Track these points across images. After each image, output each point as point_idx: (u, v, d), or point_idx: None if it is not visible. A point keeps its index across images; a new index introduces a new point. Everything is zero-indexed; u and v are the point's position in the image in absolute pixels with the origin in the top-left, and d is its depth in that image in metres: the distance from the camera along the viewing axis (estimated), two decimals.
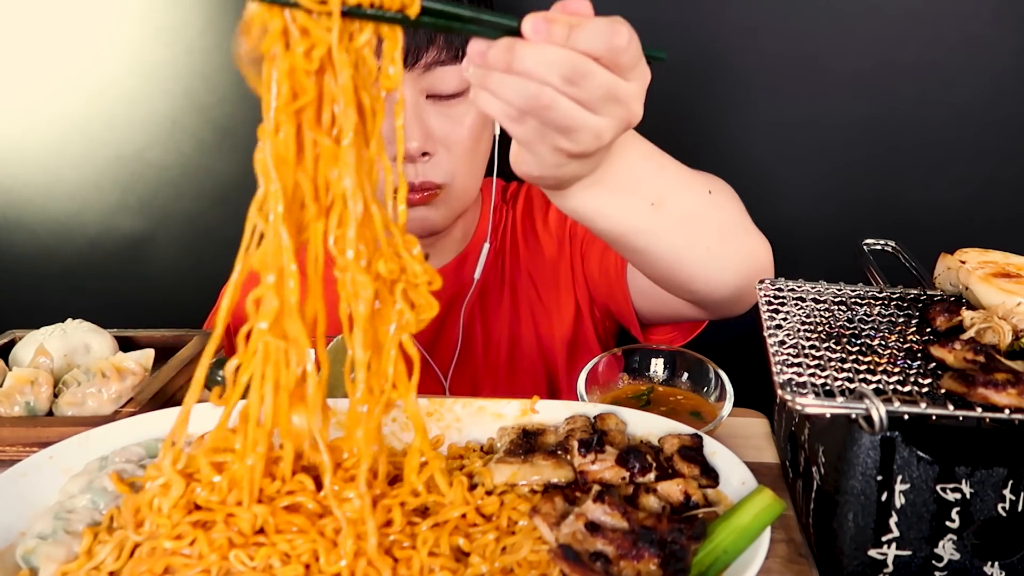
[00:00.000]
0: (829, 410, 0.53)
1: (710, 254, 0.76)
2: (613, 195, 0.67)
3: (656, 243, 0.73)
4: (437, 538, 0.56)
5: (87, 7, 1.28)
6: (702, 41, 1.19)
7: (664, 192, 0.71)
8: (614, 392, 0.82)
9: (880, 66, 1.17)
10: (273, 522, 0.55)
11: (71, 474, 0.63)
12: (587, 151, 0.58)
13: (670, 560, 0.52)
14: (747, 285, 0.78)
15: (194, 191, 1.37)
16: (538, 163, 0.60)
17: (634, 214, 0.69)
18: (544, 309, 1.10)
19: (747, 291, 0.79)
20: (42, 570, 0.54)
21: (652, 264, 0.77)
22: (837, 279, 0.77)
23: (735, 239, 0.78)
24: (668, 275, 0.78)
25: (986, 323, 0.62)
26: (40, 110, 1.35)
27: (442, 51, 0.89)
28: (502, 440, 0.67)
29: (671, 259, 0.75)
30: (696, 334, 1.02)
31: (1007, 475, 0.54)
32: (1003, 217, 1.23)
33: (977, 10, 1.13)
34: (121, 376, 0.81)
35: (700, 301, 0.84)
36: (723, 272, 0.78)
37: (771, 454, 0.76)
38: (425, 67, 0.89)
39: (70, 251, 1.42)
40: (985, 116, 1.18)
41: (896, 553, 0.56)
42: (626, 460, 0.61)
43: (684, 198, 0.73)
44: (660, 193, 0.70)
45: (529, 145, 0.58)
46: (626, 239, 0.72)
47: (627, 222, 0.70)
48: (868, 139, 1.21)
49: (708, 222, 0.76)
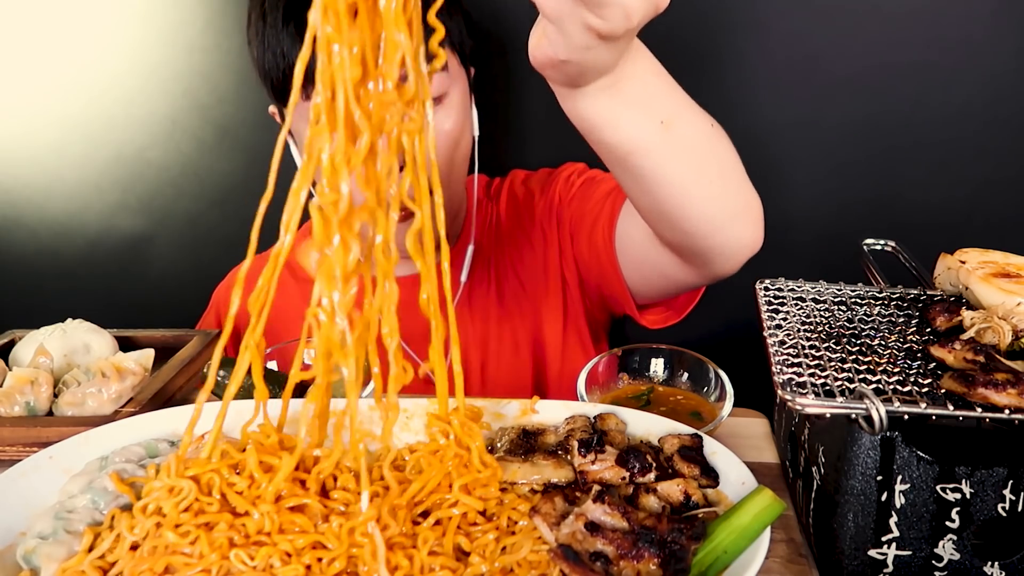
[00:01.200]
0: (829, 410, 0.53)
1: (711, 189, 0.74)
2: (626, 106, 0.67)
3: (662, 166, 0.71)
4: (437, 538, 0.56)
5: (87, 7, 1.28)
6: (702, 40, 1.19)
7: (674, 113, 0.70)
8: (614, 392, 0.82)
9: (880, 66, 1.17)
10: (278, 522, 0.55)
11: (71, 474, 0.63)
12: (615, 31, 0.57)
13: (670, 560, 0.52)
14: (741, 233, 0.78)
15: (194, 191, 1.37)
16: (566, 44, 0.59)
17: (644, 130, 0.69)
18: (532, 305, 1.10)
19: (740, 241, 0.79)
20: (43, 570, 0.54)
21: (653, 193, 0.75)
22: (837, 279, 0.77)
23: (734, 180, 0.77)
24: (667, 208, 0.76)
25: (986, 323, 0.62)
26: (40, 110, 1.35)
27: None
28: (502, 440, 0.67)
29: (673, 188, 0.73)
30: (689, 311, 1.01)
31: (1007, 475, 0.54)
32: (1003, 217, 1.23)
33: (977, 10, 1.13)
34: (121, 376, 0.81)
35: (693, 247, 0.81)
36: (722, 212, 0.76)
37: (771, 454, 0.76)
38: None
39: (70, 251, 1.42)
40: (985, 116, 1.18)
41: (896, 553, 0.56)
42: (626, 460, 0.61)
43: (692, 124, 0.72)
44: (670, 113, 0.70)
45: (559, 20, 0.58)
46: (633, 158, 0.71)
47: (637, 137, 0.69)
48: (868, 139, 1.21)
49: (711, 155, 0.75)
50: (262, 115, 1.09)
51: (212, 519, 0.56)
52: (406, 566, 0.54)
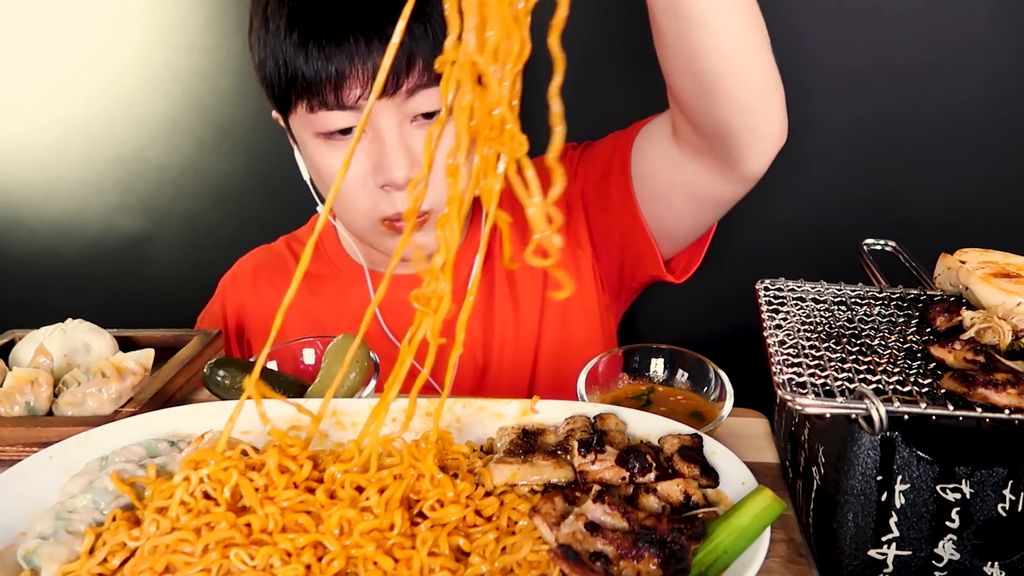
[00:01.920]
0: (829, 410, 0.53)
1: (759, 58, 0.78)
2: None
3: (722, 19, 0.74)
4: (437, 538, 0.56)
5: (87, 7, 1.28)
6: None
7: None
8: (614, 392, 0.82)
9: (880, 66, 1.17)
10: (282, 522, 0.56)
11: (71, 474, 0.63)
12: None
13: (670, 560, 0.52)
14: (775, 115, 0.82)
15: (194, 191, 1.37)
16: None
17: None
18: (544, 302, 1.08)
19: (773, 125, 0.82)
20: (44, 570, 0.54)
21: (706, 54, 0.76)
22: (837, 279, 0.77)
23: (772, 59, 0.80)
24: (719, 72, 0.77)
25: (986, 323, 0.62)
26: (40, 110, 1.35)
27: (423, 74, 0.87)
28: (502, 440, 0.67)
29: (728, 46, 0.75)
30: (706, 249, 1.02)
31: (1007, 475, 0.54)
32: (1003, 217, 1.23)
33: (977, 10, 1.13)
34: (121, 376, 0.81)
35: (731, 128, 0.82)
36: (765, 85, 0.79)
37: (771, 454, 0.76)
38: (408, 93, 0.87)
39: (70, 251, 1.42)
40: (985, 116, 1.18)
41: (896, 553, 0.56)
42: (626, 460, 0.61)
43: None
44: None
45: None
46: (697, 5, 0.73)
47: None
48: (868, 139, 1.21)
49: (760, 25, 0.78)
50: (262, 115, 1.09)
51: (213, 519, 0.56)
52: (406, 567, 0.54)
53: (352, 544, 0.55)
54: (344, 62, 0.84)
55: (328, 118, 0.88)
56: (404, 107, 0.88)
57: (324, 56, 0.84)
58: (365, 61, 0.85)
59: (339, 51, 0.84)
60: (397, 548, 0.55)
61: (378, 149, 0.89)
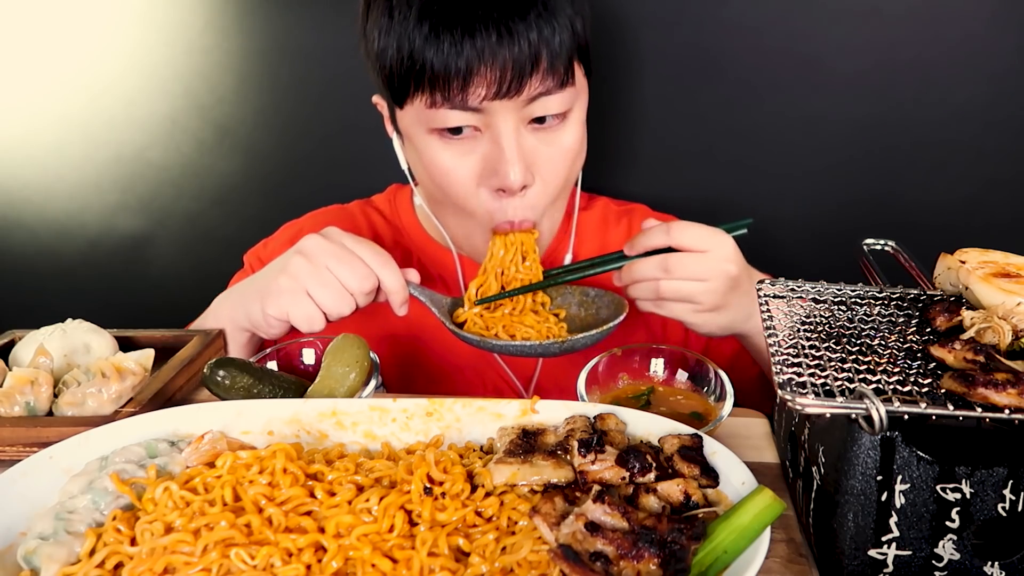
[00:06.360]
0: (829, 410, 0.53)
1: None
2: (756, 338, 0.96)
3: None
4: (436, 538, 0.56)
5: (87, 7, 1.28)
6: (703, 40, 1.20)
7: None
8: (614, 392, 0.82)
9: (880, 66, 1.17)
10: (284, 523, 0.56)
11: (71, 474, 0.63)
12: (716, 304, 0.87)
13: (670, 560, 0.52)
14: None
15: (194, 191, 1.37)
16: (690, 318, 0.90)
17: None
18: None
19: None
20: (44, 570, 0.54)
21: None
22: (837, 279, 0.77)
23: None
24: None
25: (986, 323, 0.62)
26: (40, 110, 1.35)
27: (547, 79, 0.86)
28: (502, 440, 0.67)
29: None
30: None
31: (1007, 475, 0.54)
32: (1003, 217, 1.23)
33: (977, 10, 1.13)
34: (121, 376, 0.81)
35: None
36: None
37: (771, 454, 0.76)
38: (529, 99, 0.87)
39: (70, 251, 1.42)
40: (985, 116, 1.18)
41: (896, 553, 0.56)
42: (626, 460, 0.61)
43: None
44: None
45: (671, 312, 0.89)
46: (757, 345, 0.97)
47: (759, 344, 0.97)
48: (868, 138, 1.21)
49: None
50: (262, 115, 1.09)
51: (212, 519, 0.56)
52: (406, 567, 0.54)
53: (350, 545, 0.55)
54: (473, 56, 0.82)
55: (447, 116, 0.87)
56: (523, 110, 0.88)
57: (455, 49, 0.82)
58: (494, 57, 0.83)
59: (470, 44, 0.82)
60: (397, 549, 0.55)
61: (494, 152, 0.89)
